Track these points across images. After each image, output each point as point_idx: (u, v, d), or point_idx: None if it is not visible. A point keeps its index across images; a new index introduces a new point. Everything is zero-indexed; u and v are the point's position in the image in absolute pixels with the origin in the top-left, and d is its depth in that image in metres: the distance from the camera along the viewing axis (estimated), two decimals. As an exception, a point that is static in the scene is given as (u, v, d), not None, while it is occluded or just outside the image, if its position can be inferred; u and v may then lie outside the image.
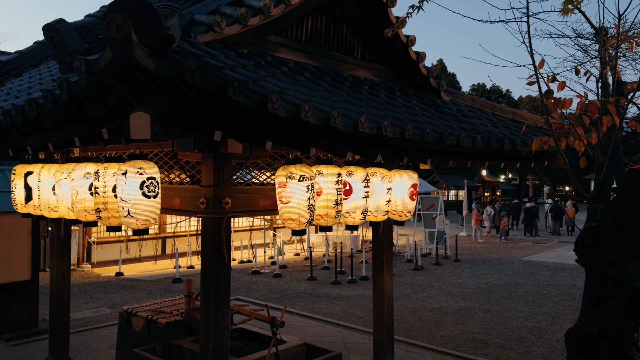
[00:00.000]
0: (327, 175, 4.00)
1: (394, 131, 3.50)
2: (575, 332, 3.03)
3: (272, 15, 4.08)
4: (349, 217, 4.48)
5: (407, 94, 5.27)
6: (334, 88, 4.10)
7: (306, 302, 9.77)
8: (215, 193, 3.78)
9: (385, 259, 5.76)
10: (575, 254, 3.29)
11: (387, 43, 5.38)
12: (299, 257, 15.71)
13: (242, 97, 2.49)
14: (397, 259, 15.10)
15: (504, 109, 6.05)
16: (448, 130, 4.08)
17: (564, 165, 3.90)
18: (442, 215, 17.24)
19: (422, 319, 8.66)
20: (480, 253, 17.15)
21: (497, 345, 7.31)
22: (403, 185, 4.75)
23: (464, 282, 12.02)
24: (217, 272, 3.90)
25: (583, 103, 3.63)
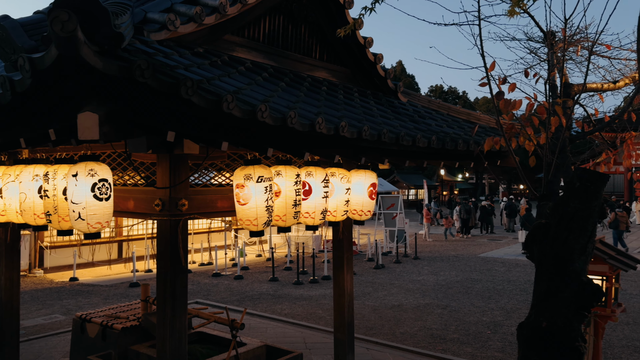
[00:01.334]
0: (286, 176, 3.99)
1: (351, 132, 3.52)
2: (526, 326, 3.13)
3: (229, 14, 4.04)
4: (308, 217, 4.48)
5: (365, 95, 5.32)
6: (292, 88, 4.09)
7: (268, 303, 9.72)
8: (171, 195, 3.70)
9: (346, 258, 5.80)
10: (526, 250, 3.40)
11: (345, 44, 5.42)
12: (260, 258, 15.61)
13: (196, 97, 2.45)
14: (358, 258, 15.23)
15: (458, 110, 6.20)
16: (404, 130, 4.14)
17: (515, 165, 4.03)
18: (402, 214, 17.51)
19: (383, 316, 8.77)
20: (439, 250, 17.51)
21: (455, 340, 7.48)
22: (362, 185, 4.80)
23: (423, 279, 12.24)
24: (173, 276, 3.82)
25: (532, 104, 3.76)
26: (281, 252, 15.75)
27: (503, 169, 36.86)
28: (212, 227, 16.27)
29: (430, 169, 45.53)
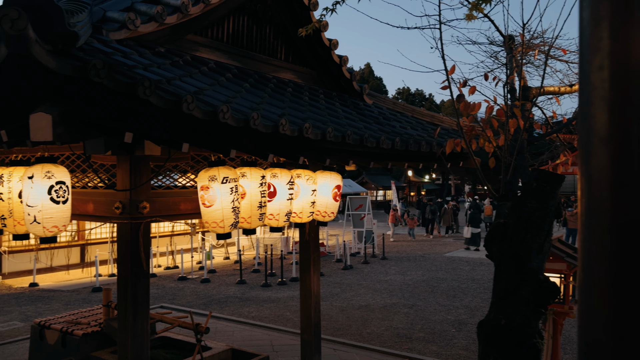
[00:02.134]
0: (251, 177, 3.96)
1: (315, 133, 3.53)
2: (486, 324, 3.20)
3: (191, 14, 3.99)
4: (273, 219, 4.47)
5: (330, 97, 5.34)
6: (257, 89, 4.07)
7: (235, 306, 9.63)
8: (131, 197, 3.63)
9: (312, 260, 5.81)
10: (486, 250, 3.48)
11: (311, 46, 5.43)
12: (228, 261, 15.45)
13: (154, 97, 2.41)
14: (327, 259, 15.26)
15: (422, 112, 6.29)
16: (368, 132, 4.18)
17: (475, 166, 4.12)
18: (370, 215, 17.64)
19: (350, 317, 8.81)
20: (406, 251, 17.72)
21: (421, 339, 7.58)
22: (327, 187, 4.82)
23: (390, 279, 12.36)
24: (134, 280, 3.75)
25: (492, 107, 3.85)
26: (249, 255, 15.64)
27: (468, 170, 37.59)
28: (178, 229, 16.01)
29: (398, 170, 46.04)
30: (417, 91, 53.18)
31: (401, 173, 48.53)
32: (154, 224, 4.61)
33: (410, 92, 51.27)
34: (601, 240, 0.73)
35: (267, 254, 12.59)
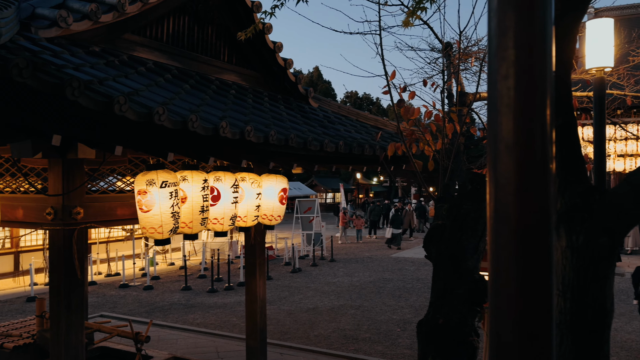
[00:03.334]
0: (192, 181, 3.87)
1: (258, 136, 3.50)
2: (425, 323, 3.27)
3: (128, 12, 3.86)
4: (217, 223, 4.39)
5: (275, 100, 5.31)
6: (197, 91, 3.99)
7: (179, 313, 9.40)
8: (64, 203, 3.47)
9: (258, 264, 5.75)
10: (425, 250, 3.56)
11: (255, 48, 5.39)
12: (173, 267, 15.06)
13: (83, 98, 2.31)
14: (275, 263, 15.17)
15: (367, 116, 6.38)
16: (312, 135, 4.19)
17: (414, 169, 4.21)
18: (318, 218, 17.70)
19: (298, 320, 8.79)
20: (354, 252, 17.91)
21: (367, 339, 7.67)
22: (273, 190, 4.78)
23: (338, 281, 12.45)
24: (68, 289, 3.58)
25: (431, 112, 3.96)
26: (195, 260, 15.31)
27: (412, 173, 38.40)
28: (119, 235, 15.45)
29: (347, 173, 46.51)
30: (364, 95, 53.97)
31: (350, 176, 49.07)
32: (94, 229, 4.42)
33: (358, 96, 51.98)
34: (508, 244, 0.76)
35: (213, 259, 12.37)
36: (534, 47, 0.74)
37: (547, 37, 0.74)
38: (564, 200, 1.65)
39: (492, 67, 0.77)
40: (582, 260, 1.61)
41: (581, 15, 1.58)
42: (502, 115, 0.76)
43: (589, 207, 1.62)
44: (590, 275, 1.62)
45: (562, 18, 1.52)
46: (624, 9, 22.79)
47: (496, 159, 0.76)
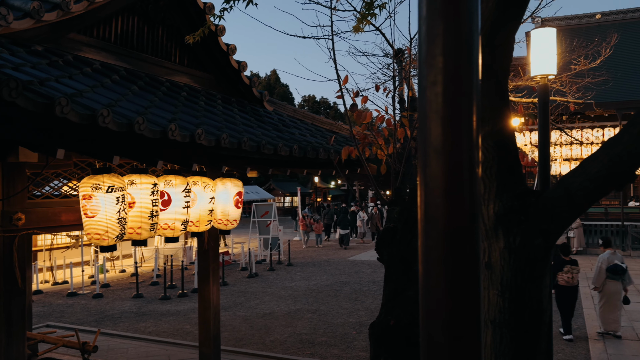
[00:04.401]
0: (141, 185, 3.77)
1: (209, 139, 3.45)
2: (377, 325, 3.31)
3: (73, 11, 3.73)
4: (167, 228, 4.29)
5: (229, 102, 5.26)
6: (146, 92, 3.90)
7: (130, 321, 9.12)
8: (3, 208, 3.31)
9: (212, 269, 5.66)
10: (377, 253, 3.61)
11: (208, 50, 5.32)
12: (124, 273, 14.62)
13: (22, 99, 2.21)
14: (232, 268, 14.99)
15: (322, 119, 6.41)
16: (266, 139, 4.17)
17: (367, 172, 4.26)
18: (276, 222, 17.61)
19: (254, 326, 8.71)
20: (311, 256, 17.93)
21: (323, 343, 7.68)
22: (228, 194, 4.72)
23: (295, 285, 12.43)
24: (8, 299, 3.41)
25: (383, 117, 4.02)
26: (148, 266, 14.92)
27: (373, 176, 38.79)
28: (67, 242, 14.87)
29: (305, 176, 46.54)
30: (322, 99, 54.22)
31: (308, 179, 49.14)
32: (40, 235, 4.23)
33: (315, 100, 52.15)
34: (437, 245, 0.77)
35: (166, 265, 12.09)
36: (460, 55, 0.76)
37: (473, 45, 0.77)
38: (502, 203, 1.71)
39: (421, 73, 0.79)
40: (519, 260, 1.68)
41: (517, 24, 1.65)
42: (430, 121, 0.77)
43: (525, 209, 1.68)
44: (527, 275, 1.68)
45: (500, 28, 1.58)
46: (568, 19, 23.93)
47: (425, 163, 0.78)
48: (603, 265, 7.75)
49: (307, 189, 50.31)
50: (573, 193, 1.59)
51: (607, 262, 7.76)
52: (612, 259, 7.83)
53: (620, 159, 1.50)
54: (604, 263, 7.78)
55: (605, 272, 7.71)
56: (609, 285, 7.68)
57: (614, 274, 7.65)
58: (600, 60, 7.34)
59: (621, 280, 7.72)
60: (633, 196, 23.11)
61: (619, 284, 7.71)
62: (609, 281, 7.68)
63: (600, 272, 7.77)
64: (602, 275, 7.75)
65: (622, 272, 7.69)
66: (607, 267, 7.70)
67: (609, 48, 7.59)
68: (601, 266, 7.77)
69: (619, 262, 7.77)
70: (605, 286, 7.74)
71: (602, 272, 7.75)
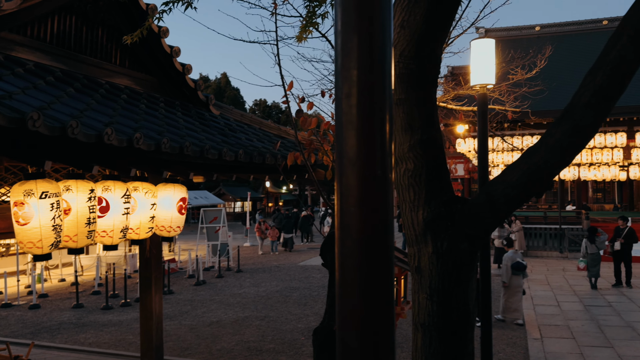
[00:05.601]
0: (77, 191, 3.63)
1: (148, 144, 3.36)
2: (320, 331, 3.32)
3: (5, 9, 3.55)
4: (105, 236, 4.15)
5: (172, 106, 5.15)
6: (83, 95, 3.76)
7: (69, 333, 8.73)
8: None
9: (154, 278, 5.51)
10: (321, 258, 3.62)
11: (151, 52, 5.19)
12: (64, 283, 13.98)
13: (-61, 101, 2.08)
14: (178, 275, 14.65)
15: (270, 124, 6.39)
16: (210, 143, 4.11)
17: (321, 177, 4.27)
18: (225, 228, 17.36)
19: (200, 334, 8.53)
20: (261, 262, 17.79)
21: (271, 350, 7.62)
22: (170, 200, 4.61)
23: (244, 292, 12.28)
24: None
25: (328, 123, 4.05)
26: (90, 275, 14.34)
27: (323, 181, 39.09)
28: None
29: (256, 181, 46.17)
30: (274, 103, 54.10)
31: (260, 184, 48.80)
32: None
33: (267, 105, 51.97)
34: (351, 253, 0.79)
35: (108, 274, 11.66)
36: (374, 68, 0.78)
37: (386, 58, 0.78)
38: (431, 209, 1.76)
39: (337, 85, 0.80)
40: (446, 265, 1.73)
41: (444, 36, 1.71)
42: (346, 131, 0.79)
43: (452, 215, 1.74)
44: (454, 279, 1.74)
45: (427, 39, 1.63)
46: (510, 30, 25.04)
47: (341, 172, 0.79)
48: (508, 263, 8.88)
49: (258, 193, 49.98)
50: (495, 200, 1.66)
51: (511, 260, 8.88)
52: (515, 257, 8.96)
53: (538, 167, 1.58)
54: (509, 261, 8.90)
55: (509, 268, 8.81)
56: (512, 280, 8.82)
57: (517, 270, 8.78)
58: (536, 70, 7.71)
59: (522, 274, 8.86)
60: (570, 200, 24.37)
61: (520, 278, 8.86)
62: (512, 276, 8.81)
63: (507, 269, 8.86)
64: (509, 272, 8.85)
65: (523, 268, 8.84)
66: (511, 264, 8.78)
67: (543, 59, 8.00)
68: (507, 264, 8.88)
69: (520, 260, 8.92)
70: (509, 280, 8.85)
71: (508, 269, 8.85)
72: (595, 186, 26.20)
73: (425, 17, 1.55)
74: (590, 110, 1.51)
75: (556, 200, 21.38)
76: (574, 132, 1.55)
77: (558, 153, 1.57)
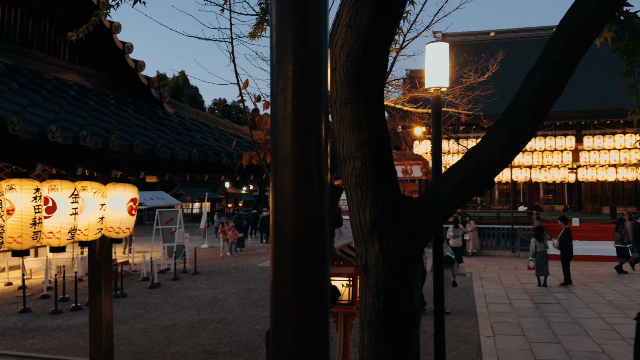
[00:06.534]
0: (21, 190, 3.47)
1: (96, 142, 3.25)
2: (274, 332, 3.30)
3: (-60, -3, 3.36)
4: (52, 237, 3.99)
5: (124, 103, 5.00)
6: (27, 90, 3.60)
7: (15, 338, 8.34)
8: None
9: (104, 281, 5.35)
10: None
11: (102, 48, 5.03)
12: (11, 287, 13.36)
13: None
14: (132, 278, 14.26)
15: (226, 124, 6.31)
16: (162, 142, 4.01)
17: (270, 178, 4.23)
18: (181, 229, 17.03)
19: (154, 338, 8.33)
20: (219, 264, 17.55)
21: (227, 353, 7.52)
22: (120, 200, 4.48)
23: (200, 294, 12.08)
24: None
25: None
26: (39, 278, 13.76)
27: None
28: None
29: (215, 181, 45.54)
30: (234, 103, 53.51)
31: (219, 184, 48.17)
32: None
33: (227, 104, 51.35)
34: (285, 251, 0.78)
35: (58, 277, 11.23)
36: (309, 64, 0.77)
37: (322, 55, 0.78)
38: (377, 208, 1.78)
39: (272, 80, 0.79)
40: (391, 263, 1.75)
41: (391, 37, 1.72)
42: (280, 127, 0.78)
43: (398, 214, 1.76)
44: (399, 277, 1.76)
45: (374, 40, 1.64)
46: (466, 35, 25.71)
47: (276, 169, 0.78)
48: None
49: (217, 194, 49.34)
50: (439, 198, 1.69)
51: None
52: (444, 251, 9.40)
53: (480, 167, 1.62)
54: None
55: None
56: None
57: (445, 263, 9.35)
58: (488, 75, 7.94)
59: (450, 267, 9.60)
60: (522, 201, 25.24)
61: (449, 270, 9.60)
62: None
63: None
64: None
65: (451, 262, 9.59)
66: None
67: (495, 64, 8.24)
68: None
69: (449, 254, 9.74)
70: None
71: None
72: (546, 187, 27.26)
73: (371, 17, 1.56)
74: (529, 112, 1.56)
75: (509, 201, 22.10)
76: (513, 133, 1.60)
77: (498, 153, 1.62)
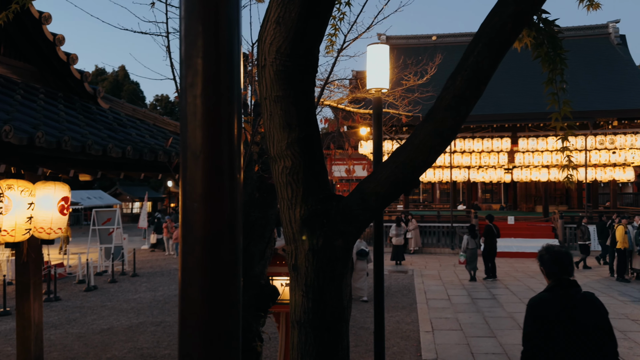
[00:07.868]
0: None
1: (20, 138, 3.07)
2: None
3: None
4: (-29, 239, 3.74)
5: (54, 98, 4.76)
6: (-58, 82, 3.34)
7: None
8: None
9: (32, 284, 5.06)
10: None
11: (30, 39, 4.76)
12: None
13: None
14: (67, 281, 13.61)
15: (165, 120, 6.13)
16: (93, 139, 3.84)
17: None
18: (119, 230, 16.41)
19: (89, 343, 7.98)
20: (160, 265, 17.06)
21: (167, 356, 7.32)
22: (51, 199, 4.27)
23: (139, 297, 11.69)
24: None
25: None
26: (-39, 283, 12.85)
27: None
28: None
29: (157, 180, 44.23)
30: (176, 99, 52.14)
31: (161, 183, 46.83)
32: None
33: (169, 100, 50.01)
34: (194, 252, 0.75)
35: (-16, 281, 10.53)
36: (220, 60, 0.75)
37: (234, 51, 0.76)
38: (308, 207, 1.78)
39: (181, 74, 0.77)
40: (321, 261, 1.76)
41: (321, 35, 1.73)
42: (189, 123, 0.75)
43: (328, 212, 1.77)
44: (328, 275, 1.77)
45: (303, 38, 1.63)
46: (409, 39, 26.33)
47: (185, 166, 0.76)
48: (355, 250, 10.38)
49: (159, 193, 48.00)
50: (367, 198, 1.72)
51: (356, 248, 10.33)
52: (359, 245, 10.76)
53: (404, 166, 1.66)
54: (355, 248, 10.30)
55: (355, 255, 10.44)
56: (357, 264, 10.65)
57: (360, 256, 10.73)
58: (426, 77, 8.16)
59: (365, 259, 10.81)
60: (462, 201, 26.15)
61: (364, 262, 10.81)
62: (357, 261, 10.65)
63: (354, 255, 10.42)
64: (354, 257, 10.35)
65: (365, 254, 10.75)
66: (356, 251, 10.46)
67: (434, 67, 8.49)
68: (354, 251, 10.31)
69: (364, 247, 10.85)
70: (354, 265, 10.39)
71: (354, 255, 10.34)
72: (484, 187, 28.41)
73: (300, 15, 1.56)
74: (450, 112, 1.61)
75: (449, 200, 22.85)
76: (436, 133, 1.64)
77: (422, 152, 1.66)
